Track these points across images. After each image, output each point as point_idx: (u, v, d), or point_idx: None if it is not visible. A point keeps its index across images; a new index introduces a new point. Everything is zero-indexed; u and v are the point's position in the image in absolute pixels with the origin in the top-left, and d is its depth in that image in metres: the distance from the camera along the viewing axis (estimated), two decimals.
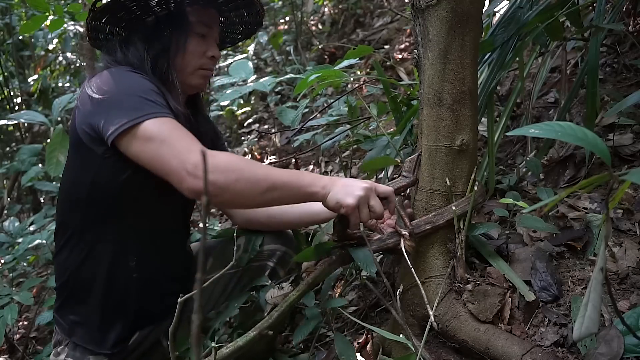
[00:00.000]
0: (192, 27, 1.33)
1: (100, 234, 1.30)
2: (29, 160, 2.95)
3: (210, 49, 1.37)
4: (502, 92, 2.33)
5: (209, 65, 1.39)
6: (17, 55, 4.70)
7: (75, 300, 1.34)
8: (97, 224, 1.29)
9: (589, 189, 1.41)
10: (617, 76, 1.90)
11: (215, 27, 1.40)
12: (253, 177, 1.11)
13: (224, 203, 1.26)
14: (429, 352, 1.26)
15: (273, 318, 1.20)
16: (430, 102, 1.27)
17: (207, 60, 1.37)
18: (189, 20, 1.33)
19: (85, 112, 1.21)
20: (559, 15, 1.54)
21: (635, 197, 1.42)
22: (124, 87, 1.19)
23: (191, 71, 1.36)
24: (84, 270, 1.31)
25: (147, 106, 1.15)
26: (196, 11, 1.34)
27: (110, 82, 1.20)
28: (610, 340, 1.02)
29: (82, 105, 1.23)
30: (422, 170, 1.31)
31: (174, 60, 1.32)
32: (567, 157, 1.67)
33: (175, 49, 1.32)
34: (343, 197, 1.14)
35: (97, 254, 1.30)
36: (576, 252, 1.34)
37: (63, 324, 1.34)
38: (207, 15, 1.37)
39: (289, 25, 5.02)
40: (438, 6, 1.22)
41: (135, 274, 1.32)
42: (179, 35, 1.32)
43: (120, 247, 1.31)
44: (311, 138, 2.39)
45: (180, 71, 1.33)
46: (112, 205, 1.28)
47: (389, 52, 3.70)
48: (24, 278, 2.76)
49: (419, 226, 1.27)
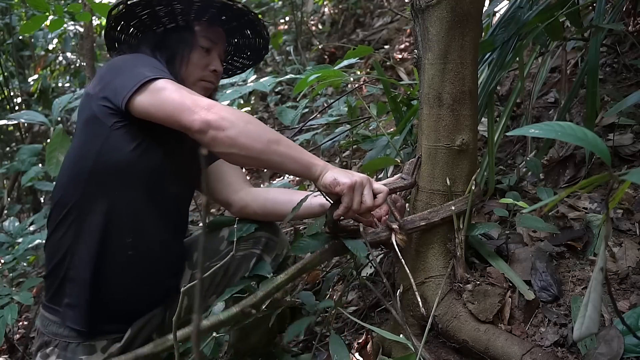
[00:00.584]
0: (197, 40, 1.42)
1: (99, 207, 1.30)
2: (29, 160, 2.95)
3: (213, 63, 1.44)
4: (502, 92, 2.33)
5: (211, 79, 1.45)
6: (17, 55, 4.70)
7: (69, 280, 1.32)
8: (97, 197, 1.30)
9: (589, 189, 1.41)
10: (617, 76, 1.90)
11: (220, 43, 1.48)
12: (262, 126, 1.21)
13: (230, 143, 1.19)
14: (429, 352, 1.26)
15: (258, 297, 1.20)
16: (430, 102, 1.27)
17: (209, 73, 1.44)
18: (194, 34, 1.42)
19: (102, 86, 1.28)
20: (559, 15, 1.54)
21: (635, 197, 1.42)
22: (138, 60, 1.30)
23: (193, 82, 1.42)
24: (80, 247, 1.30)
25: (159, 72, 1.24)
26: (203, 27, 1.43)
27: (126, 59, 1.32)
28: (610, 340, 1.02)
29: (98, 83, 1.30)
30: (422, 170, 1.31)
31: (178, 69, 1.39)
32: (567, 157, 1.67)
33: (180, 58, 1.40)
34: (341, 176, 1.16)
35: (94, 228, 1.29)
36: (576, 252, 1.34)
37: (58, 309, 1.33)
38: (213, 32, 1.45)
39: (289, 25, 5.02)
40: (438, 6, 1.22)
41: (131, 252, 1.32)
42: (184, 46, 1.41)
43: (119, 221, 1.31)
44: (311, 138, 2.39)
45: (182, 81, 1.37)
46: (116, 178, 1.29)
47: (389, 52, 3.71)
48: (24, 278, 2.76)
49: (413, 222, 1.27)
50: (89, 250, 1.30)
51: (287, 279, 1.26)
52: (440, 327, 1.24)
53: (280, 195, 1.50)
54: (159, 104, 1.20)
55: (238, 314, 1.19)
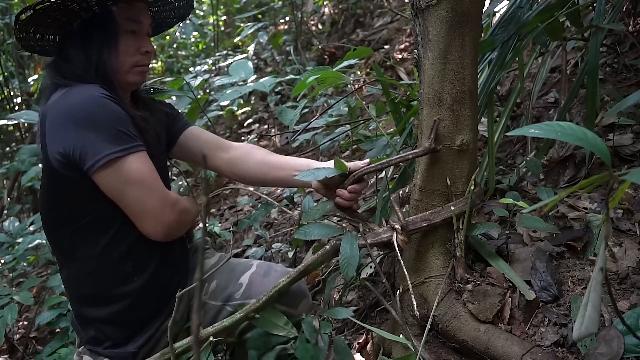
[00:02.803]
0: (121, 26, 1.31)
1: (91, 251, 1.31)
2: (29, 160, 2.95)
3: (143, 45, 1.35)
4: (502, 92, 2.33)
5: (144, 61, 1.37)
6: (17, 55, 4.70)
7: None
8: (87, 240, 1.30)
9: (589, 189, 1.41)
10: (617, 76, 1.90)
11: (145, 21, 1.36)
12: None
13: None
14: (429, 352, 1.26)
15: (261, 302, 1.22)
16: (430, 102, 1.27)
17: (142, 56, 1.36)
18: (115, 20, 1.30)
19: (57, 138, 1.21)
20: (559, 15, 1.54)
21: (635, 197, 1.42)
22: (95, 116, 1.20)
23: (127, 69, 1.35)
24: (86, 286, 1.34)
25: (122, 139, 1.20)
26: (122, 9, 1.30)
27: (79, 109, 1.20)
28: (610, 340, 1.02)
29: (52, 132, 1.22)
30: (422, 170, 1.31)
31: (109, 62, 1.31)
32: (567, 157, 1.67)
33: (108, 51, 1.30)
34: None
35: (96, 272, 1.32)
36: (576, 252, 1.34)
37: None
38: (135, 10, 1.33)
39: (289, 25, 5.02)
40: (438, 6, 1.22)
41: (136, 278, 1.32)
42: (109, 36, 1.30)
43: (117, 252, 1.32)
44: (311, 138, 2.39)
45: (117, 71, 1.33)
46: (98, 219, 1.29)
47: (389, 52, 3.71)
48: (24, 278, 2.76)
49: (414, 222, 1.27)
50: (94, 291, 1.34)
51: (289, 282, 1.26)
52: (440, 327, 1.24)
53: (274, 159, 1.51)
54: (122, 197, 1.22)
55: (242, 319, 1.19)
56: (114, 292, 1.31)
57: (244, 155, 1.52)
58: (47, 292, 2.57)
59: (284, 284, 1.25)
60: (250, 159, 1.51)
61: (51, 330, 2.34)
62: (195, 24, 4.91)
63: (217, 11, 5.35)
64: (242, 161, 1.52)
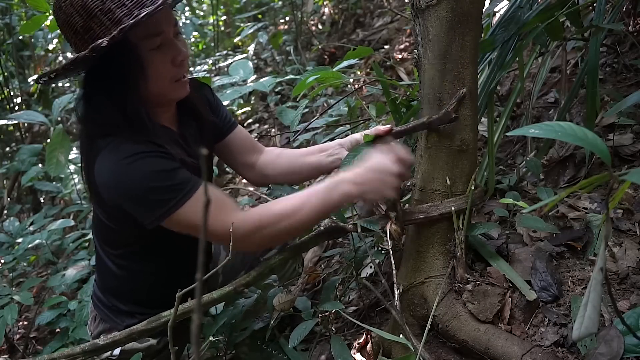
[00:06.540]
0: (141, 48, 1.14)
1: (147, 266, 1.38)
2: (29, 160, 2.96)
3: (174, 55, 1.19)
4: (502, 92, 2.33)
5: (182, 72, 1.23)
6: (17, 55, 4.69)
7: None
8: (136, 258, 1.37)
9: (589, 189, 1.41)
10: (617, 76, 1.90)
11: (167, 27, 1.17)
12: (278, 229, 1.19)
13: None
14: (429, 352, 1.26)
15: (251, 277, 1.26)
16: (430, 102, 1.27)
17: (177, 68, 1.21)
18: (132, 45, 1.12)
19: (111, 197, 1.19)
20: (559, 15, 1.54)
21: (635, 197, 1.42)
22: (127, 187, 1.14)
23: (168, 89, 1.23)
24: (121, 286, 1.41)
25: (171, 194, 1.13)
26: (140, 28, 1.09)
27: (109, 185, 1.16)
28: (610, 340, 1.02)
29: (104, 189, 1.19)
30: (422, 170, 1.31)
31: (141, 94, 1.18)
32: (567, 157, 1.67)
33: (135, 85, 1.16)
34: (350, 188, 1.18)
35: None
36: (576, 252, 1.34)
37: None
38: (153, 22, 1.11)
39: (289, 25, 5.02)
40: (438, 6, 1.22)
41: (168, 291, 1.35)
42: (131, 69, 1.14)
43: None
44: (311, 138, 2.39)
45: (156, 96, 1.22)
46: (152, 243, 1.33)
47: (389, 52, 3.70)
48: (24, 278, 2.76)
49: (411, 214, 1.27)
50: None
51: (280, 260, 1.29)
52: (440, 327, 1.24)
53: (300, 151, 1.55)
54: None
55: (230, 292, 1.22)
56: (141, 297, 1.40)
57: (276, 157, 1.55)
58: (47, 292, 2.57)
59: (275, 261, 1.29)
60: (281, 158, 1.54)
61: (51, 330, 2.34)
62: (195, 24, 4.91)
63: (217, 11, 5.35)
64: (273, 162, 1.55)
